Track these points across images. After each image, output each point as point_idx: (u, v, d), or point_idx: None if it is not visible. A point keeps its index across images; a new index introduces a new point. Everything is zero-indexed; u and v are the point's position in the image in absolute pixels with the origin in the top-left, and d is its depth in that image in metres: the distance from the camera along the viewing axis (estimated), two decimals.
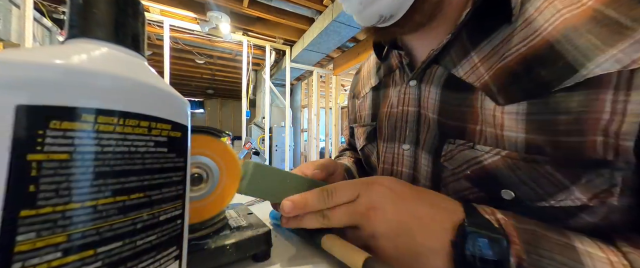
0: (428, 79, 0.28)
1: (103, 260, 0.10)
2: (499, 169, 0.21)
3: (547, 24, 0.20)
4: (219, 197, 0.23)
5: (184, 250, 0.14)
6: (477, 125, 0.23)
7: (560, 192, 0.19)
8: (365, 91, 0.41)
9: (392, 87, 0.34)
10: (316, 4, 1.98)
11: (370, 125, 0.37)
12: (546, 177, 0.19)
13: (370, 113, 0.38)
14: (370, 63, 0.43)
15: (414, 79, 0.29)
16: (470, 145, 0.23)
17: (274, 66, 3.17)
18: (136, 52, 0.13)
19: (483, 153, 0.22)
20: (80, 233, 0.09)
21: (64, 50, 0.10)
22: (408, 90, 0.30)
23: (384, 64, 0.37)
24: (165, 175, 0.12)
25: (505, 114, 0.21)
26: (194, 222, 0.22)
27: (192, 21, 2.31)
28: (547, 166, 0.19)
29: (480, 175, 0.22)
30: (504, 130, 0.21)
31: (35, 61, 0.09)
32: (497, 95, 0.22)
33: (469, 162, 0.23)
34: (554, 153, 0.19)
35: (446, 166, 0.25)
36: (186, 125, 0.14)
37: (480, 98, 0.23)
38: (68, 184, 0.09)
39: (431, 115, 0.27)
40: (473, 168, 0.23)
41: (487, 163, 0.22)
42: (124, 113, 0.10)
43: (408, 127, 0.30)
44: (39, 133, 0.08)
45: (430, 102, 0.27)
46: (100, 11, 0.12)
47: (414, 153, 0.29)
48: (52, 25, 1.98)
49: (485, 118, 0.22)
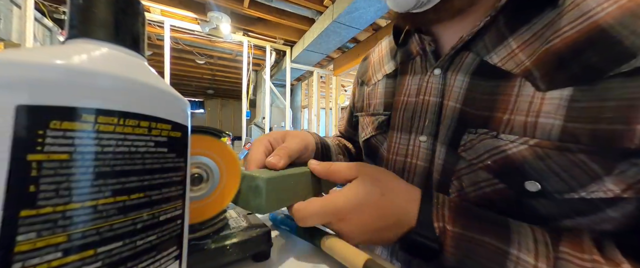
0: (455, 67, 0.26)
1: (103, 260, 0.10)
2: (526, 159, 0.20)
3: (599, 7, 0.19)
4: (219, 197, 0.23)
5: (184, 250, 0.14)
6: (505, 114, 0.22)
7: (593, 182, 0.18)
8: (377, 78, 0.38)
9: (411, 75, 0.32)
10: (316, 4, 1.99)
11: (383, 115, 0.35)
12: (579, 166, 0.19)
13: (383, 101, 0.36)
14: (381, 48, 0.40)
15: (439, 67, 0.28)
16: (493, 134, 0.22)
17: (274, 66, 3.17)
18: (136, 52, 0.13)
19: (508, 143, 0.21)
20: (81, 233, 0.09)
21: (64, 50, 0.10)
22: (431, 79, 0.28)
23: (402, 49, 0.35)
24: (165, 175, 0.12)
25: (545, 100, 0.20)
26: (194, 222, 0.22)
27: (192, 21, 2.32)
28: (580, 155, 0.18)
29: (503, 166, 0.22)
30: (539, 117, 0.20)
31: (36, 61, 0.09)
32: (540, 80, 0.20)
33: (490, 151, 0.22)
34: (590, 142, 0.18)
35: (463, 156, 0.24)
36: (186, 125, 0.14)
37: (519, 85, 0.22)
38: (68, 184, 0.09)
39: (454, 104, 0.26)
40: (495, 158, 0.22)
41: (512, 153, 0.21)
42: (124, 113, 0.10)
43: (428, 118, 0.28)
44: (39, 133, 0.08)
45: (454, 91, 0.26)
46: (100, 11, 0.12)
47: (431, 146, 0.28)
48: (53, 25, 1.99)
49: (519, 105, 0.21)
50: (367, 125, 0.38)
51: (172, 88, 0.14)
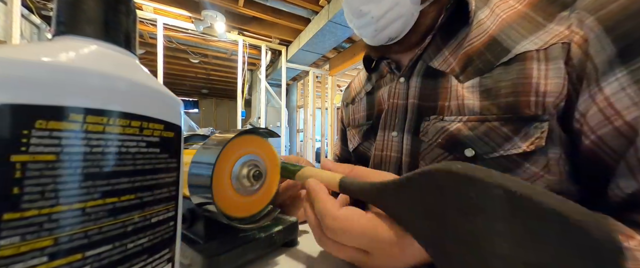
0: (412, 74, 0.35)
1: (92, 263, 0.09)
2: (461, 132, 0.28)
3: (491, 24, 0.29)
4: (266, 191, 0.26)
5: (177, 252, 0.14)
6: (445, 102, 0.30)
7: (506, 142, 0.25)
8: (360, 96, 0.47)
9: (384, 87, 0.41)
10: (312, 4, 1.98)
11: (366, 124, 0.43)
12: (495, 131, 0.26)
13: (366, 114, 0.44)
14: (360, 77, 0.51)
15: (403, 76, 0.36)
16: (440, 118, 0.30)
17: (270, 66, 3.16)
18: (127, 50, 0.13)
19: (449, 122, 0.29)
20: (68, 236, 0.09)
21: (51, 47, 0.10)
22: (398, 85, 0.36)
23: (375, 73, 0.45)
24: (157, 177, 0.12)
25: (464, 88, 0.28)
26: (246, 215, 0.25)
27: (186, 20, 2.28)
28: (495, 122, 0.26)
29: (449, 141, 0.29)
30: (465, 100, 0.28)
31: (21, 58, 0.09)
32: (459, 75, 0.29)
33: (439, 131, 0.30)
34: (498, 112, 0.26)
35: (423, 140, 0.32)
36: (179, 125, 0.14)
37: (450, 80, 0.30)
38: (55, 186, 0.09)
39: (413, 100, 0.34)
40: (443, 135, 0.29)
41: (453, 129, 0.28)
42: (114, 112, 0.10)
43: (397, 116, 0.36)
44: (24, 133, 0.08)
45: (412, 91, 0.34)
46: (89, 7, 0.11)
47: (401, 139, 0.35)
48: (41, 23, 1.94)
49: (452, 94, 0.29)
50: (354, 136, 0.46)
51: (164, 87, 0.13)
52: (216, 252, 0.22)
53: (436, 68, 0.32)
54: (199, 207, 0.22)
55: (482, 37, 0.29)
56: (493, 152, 0.26)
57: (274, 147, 0.27)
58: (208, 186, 0.20)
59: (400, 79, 0.36)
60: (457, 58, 0.30)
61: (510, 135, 0.25)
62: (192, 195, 0.22)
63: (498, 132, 0.26)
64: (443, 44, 0.32)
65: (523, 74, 0.25)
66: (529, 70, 0.24)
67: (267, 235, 0.25)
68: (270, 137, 0.27)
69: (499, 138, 0.26)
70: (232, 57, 3.07)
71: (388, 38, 0.34)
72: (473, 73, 0.28)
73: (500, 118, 0.26)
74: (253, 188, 0.24)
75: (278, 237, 0.26)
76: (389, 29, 0.32)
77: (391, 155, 0.36)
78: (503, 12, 0.28)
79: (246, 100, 3.14)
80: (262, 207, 0.26)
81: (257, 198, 0.25)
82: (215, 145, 0.22)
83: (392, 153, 0.36)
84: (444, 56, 0.32)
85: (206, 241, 0.23)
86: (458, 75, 0.29)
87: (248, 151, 0.24)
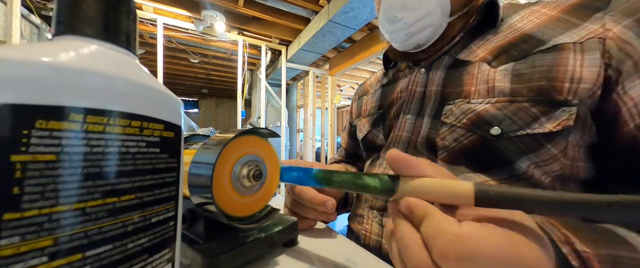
0: (435, 66, 0.37)
1: (92, 264, 0.09)
2: (488, 112, 0.29)
3: (524, 26, 0.31)
4: (266, 191, 0.26)
5: (177, 252, 0.14)
6: (472, 87, 0.32)
7: (534, 122, 0.27)
8: (375, 88, 0.49)
9: (402, 79, 0.43)
10: (312, 4, 1.98)
11: (376, 113, 0.45)
12: (524, 110, 0.27)
13: (378, 104, 0.46)
14: (377, 75, 0.53)
15: (424, 68, 0.38)
16: (467, 101, 0.32)
17: (270, 66, 3.16)
18: (127, 50, 0.13)
19: (477, 104, 0.31)
20: (68, 236, 0.09)
21: (51, 47, 0.10)
22: (418, 75, 0.39)
23: (393, 69, 0.47)
24: (157, 177, 0.12)
25: (497, 72, 0.30)
26: (246, 214, 0.25)
27: (186, 20, 2.28)
28: (525, 103, 0.27)
29: (474, 120, 0.30)
30: (495, 83, 0.30)
31: (21, 58, 0.09)
32: (491, 61, 0.31)
33: (465, 113, 0.31)
34: (529, 94, 0.27)
35: (446, 122, 0.33)
36: (179, 125, 0.14)
37: (477, 66, 0.32)
38: (55, 186, 0.09)
39: (436, 88, 0.35)
40: (469, 116, 0.31)
41: (481, 109, 0.30)
42: (114, 112, 0.10)
43: (413, 102, 0.38)
44: (24, 133, 0.08)
45: (435, 81, 0.36)
46: (89, 7, 0.11)
47: (414, 121, 0.37)
48: (41, 23, 1.93)
49: (480, 79, 0.31)
50: (364, 125, 0.47)
51: (164, 87, 0.13)
52: (216, 252, 0.22)
53: (463, 59, 0.34)
54: (199, 207, 0.22)
55: (516, 33, 0.31)
56: (520, 129, 0.27)
57: (272, 146, 0.27)
58: (208, 186, 0.20)
59: (421, 69, 0.39)
60: (487, 50, 0.33)
61: (539, 115, 0.26)
62: (192, 195, 0.22)
63: (527, 112, 0.27)
64: (470, 40, 0.35)
65: (559, 62, 0.26)
66: (565, 59, 0.26)
67: (267, 235, 0.25)
68: (270, 137, 0.27)
69: (528, 118, 0.27)
70: (232, 57, 3.07)
71: (416, 44, 0.37)
72: (506, 59, 0.30)
73: (530, 99, 0.27)
74: (253, 188, 0.24)
75: (278, 236, 0.26)
76: (419, 35, 0.36)
77: (402, 135, 0.38)
78: (536, 17, 0.31)
79: (246, 100, 3.14)
80: (262, 207, 0.26)
81: (257, 198, 0.25)
82: (215, 145, 0.22)
83: (403, 133, 0.38)
84: (470, 49, 0.34)
85: (206, 241, 0.23)
86: (490, 62, 0.31)
87: (248, 151, 0.24)
